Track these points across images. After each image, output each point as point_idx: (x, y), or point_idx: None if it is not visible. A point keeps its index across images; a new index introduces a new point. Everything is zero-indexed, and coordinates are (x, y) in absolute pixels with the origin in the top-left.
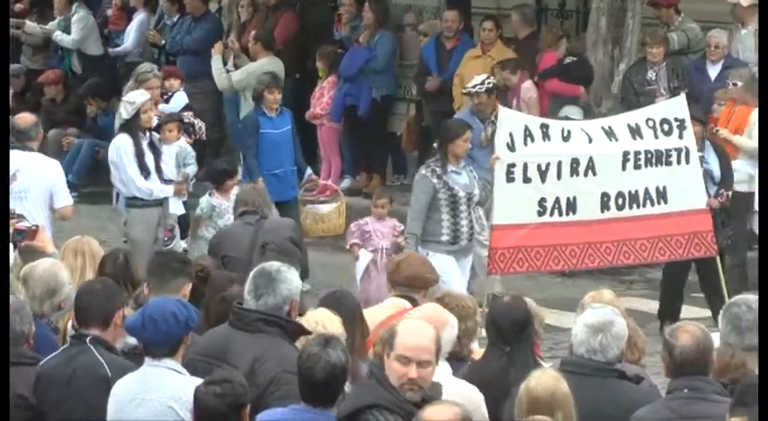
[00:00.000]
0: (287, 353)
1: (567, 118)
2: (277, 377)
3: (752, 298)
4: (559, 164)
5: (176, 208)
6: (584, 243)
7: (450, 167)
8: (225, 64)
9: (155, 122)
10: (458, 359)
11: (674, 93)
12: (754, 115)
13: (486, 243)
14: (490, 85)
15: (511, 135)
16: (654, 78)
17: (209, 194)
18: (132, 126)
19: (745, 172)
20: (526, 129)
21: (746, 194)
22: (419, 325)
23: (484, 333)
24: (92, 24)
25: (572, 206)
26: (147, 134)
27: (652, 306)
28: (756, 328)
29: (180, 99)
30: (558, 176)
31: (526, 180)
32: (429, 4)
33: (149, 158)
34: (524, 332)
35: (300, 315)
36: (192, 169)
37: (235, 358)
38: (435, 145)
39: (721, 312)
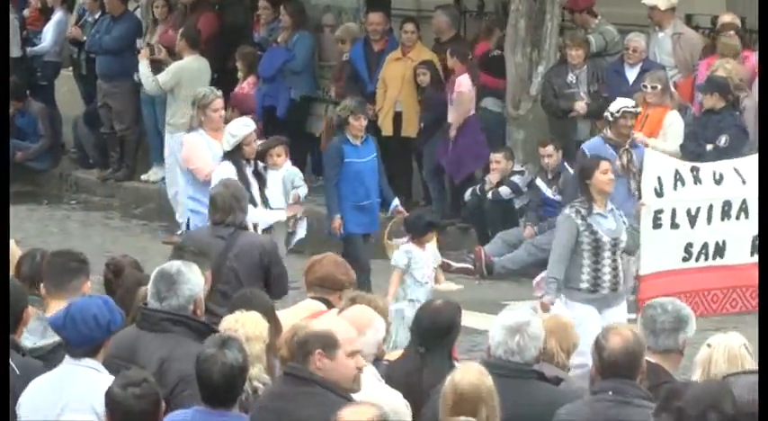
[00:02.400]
0: (194, 353)
1: (500, 113)
2: (185, 376)
3: (667, 300)
4: (710, 207)
5: (301, 231)
6: (728, 287)
7: (596, 209)
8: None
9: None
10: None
11: (593, 96)
12: (668, 118)
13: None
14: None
15: (659, 179)
16: (574, 81)
17: (405, 244)
18: (235, 156)
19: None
20: (677, 173)
21: None
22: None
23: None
24: (14, 28)
25: (720, 250)
26: (252, 162)
27: None
28: (671, 331)
29: None
30: (709, 220)
31: (674, 226)
32: (348, 6)
33: (254, 188)
34: (446, 337)
35: None
36: (303, 190)
37: (143, 359)
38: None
39: (639, 315)
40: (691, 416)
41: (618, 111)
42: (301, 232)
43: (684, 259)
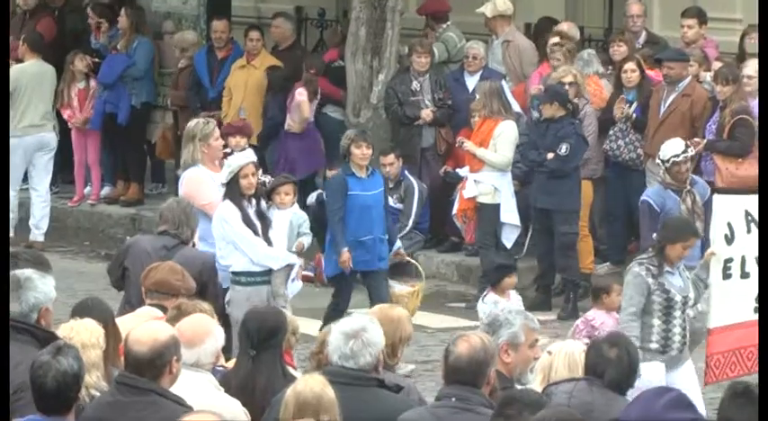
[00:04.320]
0: None
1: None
2: (22, 385)
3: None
4: None
5: (294, 287)
6: None
7: (666, 268)
8: None
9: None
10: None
11: (437, 103)
12: (499, 127)
13: None
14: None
15: (729, 225)
16: (418, 89)
17: (485, 297)
18: (234, 191)
19: (489, 184)
20: (747, 214)
21: (491, 206)
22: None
23: None
24: None
25: None
26: (254, 201)
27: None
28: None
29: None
30: None
31: (744, 275)
32: (189, 13)
33: (257, 229)
34: (273, 339)
35: None
36: (307, 239)
37: None
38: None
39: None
40: None
41: (668, 161)
42: (298, 284)
43: (756, 309)
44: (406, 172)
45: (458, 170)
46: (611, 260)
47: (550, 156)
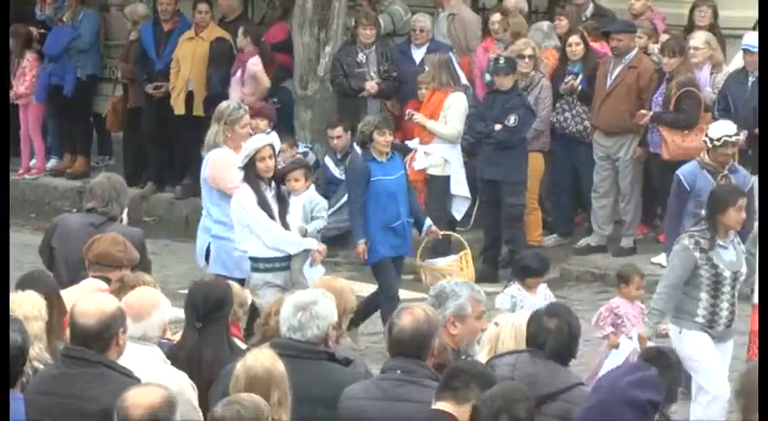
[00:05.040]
0: None
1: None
2: None
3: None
4: None
5: (315, 273)
6: None
7: (719, 241)
8: None
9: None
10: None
11: (382, 76)
12: (449, 99)
13: None
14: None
15: None
16: (364, 61)
17: (511, 286)
18: (250, 175)
19: (439, 156)
20: None
21: (441, 178)
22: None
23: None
24: None
25: None
26: (273, 184)
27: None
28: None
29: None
30: None
31: None
32: None
33: (275, 212)
34: (219, 311)
35: None
36: (318, 224)
37: None
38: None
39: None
40: (484, 416)
41: (719, 140)
42: (319, 269)
43: None
44: (355, 144)
45: (407, 142)
46: (557, 232)
47: (498, 127)
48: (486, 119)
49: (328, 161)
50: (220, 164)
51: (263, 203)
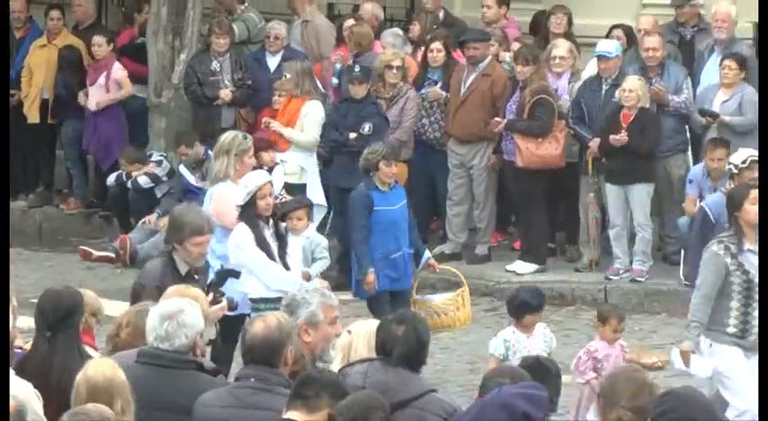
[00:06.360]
0: None
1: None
2: None
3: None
4: None
5: None
6: None
7: (747, 245)
8: None
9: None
10: None
11: (236, 84)
12: (305, 108)
13: None
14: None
15: None
16: (218, 69)
17: (506, 329)
18: (249, 213)
19: (296, 164)
20: None
21: (298, 186)
22: None
23: None
24: None
25: None
26: (271, 223)
27: None
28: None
29: (278, 176)
30: None
31: None
32: None
33: (273, 251)
34: (69, 319)
35: None
36: (321, 265)
37: None
38: None
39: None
40: None
41: (744, 162)
42: None
43: None
44: (210, 151)
45: None
46: None
47: (353, 135)
48: (339, 127)
49: (184, 170)
50: (225, 199)
51: (262, 242)
